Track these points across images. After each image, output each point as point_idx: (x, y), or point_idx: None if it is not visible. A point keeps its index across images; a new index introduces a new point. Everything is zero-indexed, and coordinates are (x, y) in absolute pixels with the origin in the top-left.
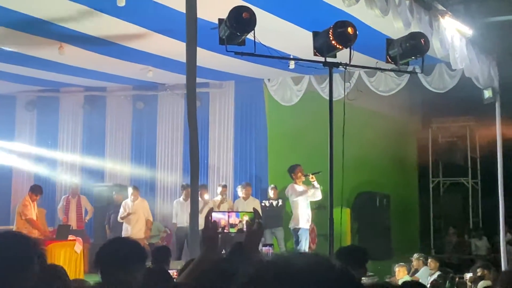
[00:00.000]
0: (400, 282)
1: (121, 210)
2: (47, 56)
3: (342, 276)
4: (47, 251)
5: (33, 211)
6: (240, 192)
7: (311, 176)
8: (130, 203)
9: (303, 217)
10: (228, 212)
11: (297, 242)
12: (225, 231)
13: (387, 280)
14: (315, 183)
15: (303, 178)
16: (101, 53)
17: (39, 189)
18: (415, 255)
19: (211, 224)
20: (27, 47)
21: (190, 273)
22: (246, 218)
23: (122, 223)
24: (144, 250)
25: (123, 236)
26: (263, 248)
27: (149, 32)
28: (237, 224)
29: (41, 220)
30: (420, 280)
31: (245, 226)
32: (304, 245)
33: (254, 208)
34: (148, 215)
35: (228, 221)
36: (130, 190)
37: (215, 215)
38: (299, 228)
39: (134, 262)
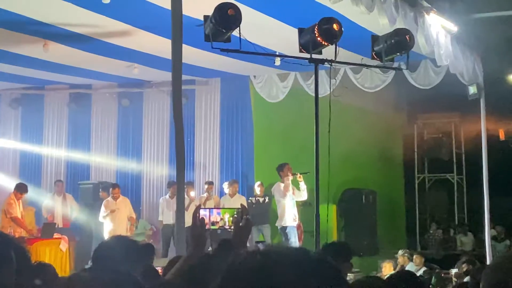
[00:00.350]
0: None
1: (102, 209)
2: (32, 54)
3: (322, 264)
4: (31, 249)
5: (18, 210)
6: (227, 189)
7: (299, 175)
8: (112, 201)
9: (289, 216)
10: (209, 209)
11: (287, 240)
12: (206, 228)
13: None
14: (302, 184)
15: (291, 177)
16: (86, 50)
17: (24, 187)
18: (400, 252)
19: (199, 222)
20: (11, 44)
21: (178, 270)
22: (227, 215)
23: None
24: (141, 249)
25: (105, 234)
26: (256, 245)
27: (134, 29)
28: (218, 222)
29: (29, 219)
30: None
31: (227, 224)
32: (294, 243)
33: (241, 204)
34: (131, 213)
35: (210, 218)
36: (110, 189)
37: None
38: (287, 226)
39: (131, 261)
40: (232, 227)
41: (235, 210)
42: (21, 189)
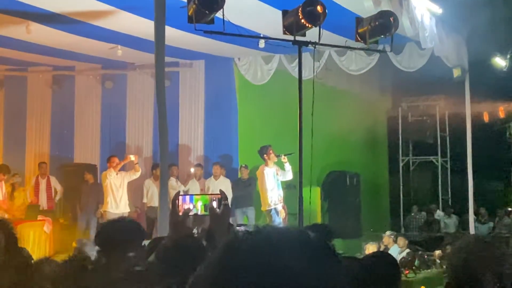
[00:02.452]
0: None
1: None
2: (15, 35)
3: (319, 246)
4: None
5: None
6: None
7: (283, 156)
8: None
9: (274, 198)
10: (184, 195)
11: (272, 222)
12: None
13: None
14: (287, 165)
15: (275, 159)
16: (69, 32)
17: (5, 168)
18: (388, 232)
19: (177, 209)
20: None
21: (156, 253)
22: (200, 203)
23: (94, 203)
24: (143, 230)
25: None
26: (238, 228)
27: (117, 10)
28: (191, 209)
29: (20, 200)
30: None
31: (200, 211)
32: (279, 224)
33: (220, 190)
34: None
35: (182, 205)
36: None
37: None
38: (272, 208)
39: (134, 243)
40: (206, 214)
41: (208, 197)
42: (2, 170)
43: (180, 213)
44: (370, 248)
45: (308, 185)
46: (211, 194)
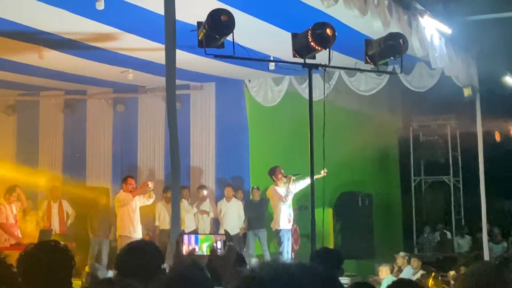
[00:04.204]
0: (383, 282)
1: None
2: (27, 61)
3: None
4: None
5: (9, 214)
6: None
7: (292, 178)
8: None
9: (284, 218)
10: (188, 235)
11: (280, 243)
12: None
13: (370, 279)
14: (291, 186)
15: (284, 180)
16: (81, 56)
17: (12, 188)
18: (401, 253)
19: (181, 249)
20: (6, 52)
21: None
22: (205, 245)
23: (107, 226)
24: (162, 253)
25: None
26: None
27: (128, 35)
28: (196, 250)
29: (33, 224)
30: None
31: (205, 252)
32: (287, 246)
33: (225, 230)
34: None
35: (188, 245)
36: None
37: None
38: (280, 230)
39: (153, 266)
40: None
41: (213, 238)
42: (9, 191)
43: (185, 254)
44: (383, 270)
45: (321, 206)
46: (216, 235)
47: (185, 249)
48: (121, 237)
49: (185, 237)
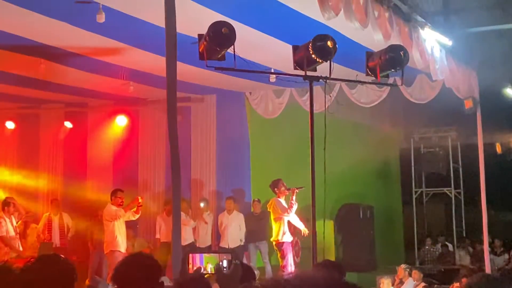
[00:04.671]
0: None
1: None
2: (28, 73)
3: None
4: None
5: (10, 227)
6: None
7: (296, 191)
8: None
9: (287, 232)
10: (193, 254)
11: (282, 256)
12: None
13: None
14: (293, 199)
15: (286, 192)
16: (82, 69)
17: (11, 200)
18: (403, 266)
19: (187, 267)
20: (7, 65)
21: None
22: (210, 265)
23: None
24: (161, 266)
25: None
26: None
27: (129, 47)
28: (201, 269)
29: (33, 237)
30: None
31: (210, 271)
32: (289, 259)
33: (231, 249)
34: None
35: (193, 264)
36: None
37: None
38: (283, 242)
39: (152, 279)
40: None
41: (219, 257)
42: (7, 203)
43: (190, 272)
44: (385, 283)
45: (322, 218)
46: (222, 253)
47: (190, 268)
48: (113, 252)
49: (191, 256)
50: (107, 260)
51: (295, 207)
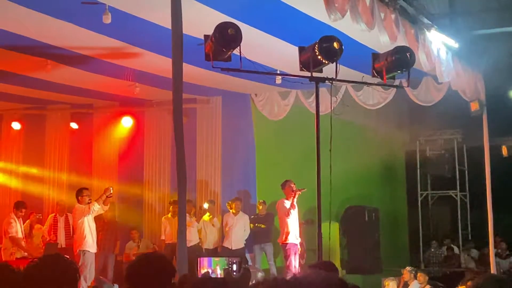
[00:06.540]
0: None
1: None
2: (34, 74)
3: None
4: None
5: (19, 228)
6: (229, 207)
7: (298, 192)
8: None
9: (292, 233)
10: (201, 258)
11: (286, 257)
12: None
13: None
14: (294, 201)
15: (290, 194)
16: (88, 70)
17: (21, 203)
18: (408, 268)
19: (196, 271)
20: (14, 65)
21: None
22: (219, 267)
23: (112, 241)
24: (173, 266)
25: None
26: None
27: (135, 49)
28: (210, 273)
29: (38, 238)
30: None
31: (219, 275)
32: (294, 261)
33: (241, 253)
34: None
35: (201, 267)
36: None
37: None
38: (286, 243)
39: (164, 279)
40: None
41: (228, 261)
42: (19, 206)
43: (199, 275)
44: (390, 284)
45: (327, 220)
46: (231, 257)
47: (199, 272)
48: (85, 252)
49: (199, 260)
50: (77, 261)
51: (294, 209)
